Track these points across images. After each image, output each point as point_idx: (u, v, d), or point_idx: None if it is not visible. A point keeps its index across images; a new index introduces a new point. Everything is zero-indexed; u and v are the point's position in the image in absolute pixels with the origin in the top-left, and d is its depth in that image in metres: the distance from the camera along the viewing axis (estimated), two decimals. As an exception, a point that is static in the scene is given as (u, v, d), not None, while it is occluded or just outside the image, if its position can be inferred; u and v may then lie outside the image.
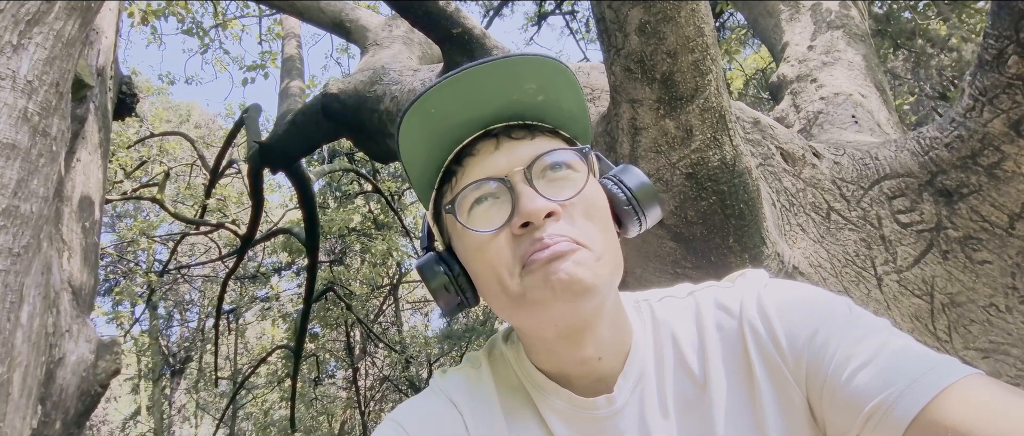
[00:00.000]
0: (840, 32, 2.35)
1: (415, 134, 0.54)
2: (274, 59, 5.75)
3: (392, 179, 9.38)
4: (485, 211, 0.54)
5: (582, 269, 0.50)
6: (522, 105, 0.55)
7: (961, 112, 1.41)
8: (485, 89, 0.53)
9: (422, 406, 0.60)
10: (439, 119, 0.54)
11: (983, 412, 0.41)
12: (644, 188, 0.59)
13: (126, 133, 7.13)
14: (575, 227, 0.52)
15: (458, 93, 0.53)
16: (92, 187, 1.63)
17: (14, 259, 0.91)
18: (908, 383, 0.44)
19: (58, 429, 1.22)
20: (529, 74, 0.54)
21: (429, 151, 0.56)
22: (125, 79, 2.18)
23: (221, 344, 8.45)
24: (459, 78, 0.52)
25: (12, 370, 0.92)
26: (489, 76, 0.53)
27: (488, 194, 0.54)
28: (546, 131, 0.57)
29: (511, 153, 0.54)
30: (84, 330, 1.36)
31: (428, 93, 0.52)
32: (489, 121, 0.56)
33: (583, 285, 0.50)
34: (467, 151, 0.56)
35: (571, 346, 0.55)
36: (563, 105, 0.57)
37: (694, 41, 1.28)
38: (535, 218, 0.50)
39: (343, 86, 2.78)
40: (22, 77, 0.94)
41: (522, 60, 0.53)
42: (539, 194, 0.51)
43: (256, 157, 3.66)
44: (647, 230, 0.61)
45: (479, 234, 0.53)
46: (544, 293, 0.50)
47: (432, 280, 0.58)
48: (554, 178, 0.54)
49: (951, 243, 1.47)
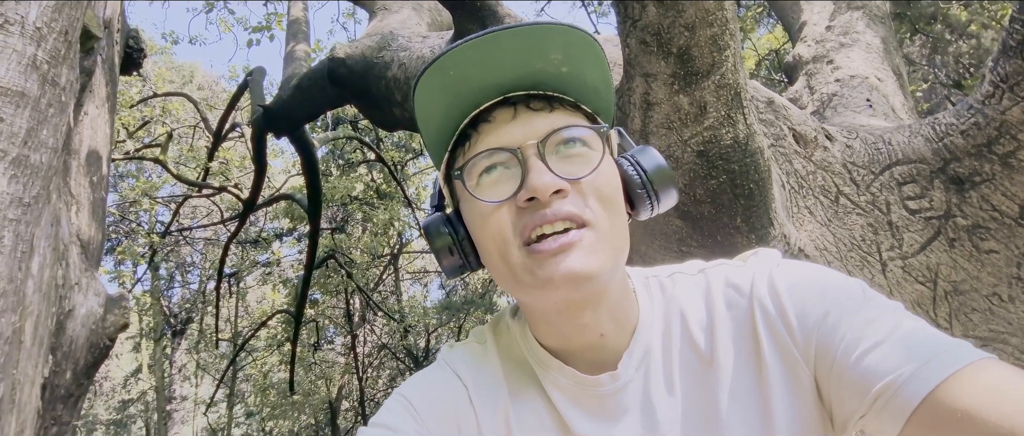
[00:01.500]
0: (860, 13, 2.30)
1: (432, 94, 0.53)
2: (280, 21, 5.65)
3: (396, 149, 9.33)
4: (494, 181, 0.53)
5: (586, 258, 0.50)
6: (545, 75, 0.54)
7: (980, 98, 1.39)
8: (508, 55, 0.52)
9: (428, 381, 0.60)
10: (458, 81, 0.53)
11: (992, 395, 0.40)
12: (660, 171, 0.58)
13: (129, 92, 7.06)
14: (582, 207, 0.51)
15: (480, 56, 0.51)
16: (99, 141, 1.62)
17: (24, 209, 0.91)
18: (918, 365, 0.43)
19: (69, 379, 1.24)
20: (555, 44, 0.52)
21: (446, 112, 0.55)
22: (132, 32, 2.14)
23: (222, 306, 8.54)
24: (482, 41, 0.50)
25: (24, 319, 0.93)
26: (513, 42, 0.51)
27: (499, 163, 0.53)
28: (567, 104, 0.55)
29: (527, 124, 0.53)
30: (93, 284, 1.37)
31: (449, 53, 0.51)
32: (508, 88, 0.54)
33: (586, 275, 0.50)
34: (483, 116, 0.55)
35: (572, 322, 0.55)
36: (587, 78, 0.55)
37: (713, 15, 1.25)
38: (541, 194, 0.50)
39: (350, 51, 2.74)
40: (31, 23, 0.93)
41: (550, 28, 0.51)
42: (549, 169, 0.51)
43: (260, 121, 3.63)
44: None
45: (485, 204, 0.53)
46: (545, 280, 0.50)
47: (436, 240, 0.58)
48: (568, 154, 0.53)
49: (959, 231, 1.46)
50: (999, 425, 0.39)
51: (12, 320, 0.89)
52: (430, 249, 0.59)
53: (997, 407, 0.40)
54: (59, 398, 1.23)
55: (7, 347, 0.88)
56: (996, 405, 0.40)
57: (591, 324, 0.55)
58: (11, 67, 0.90)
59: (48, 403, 1.20)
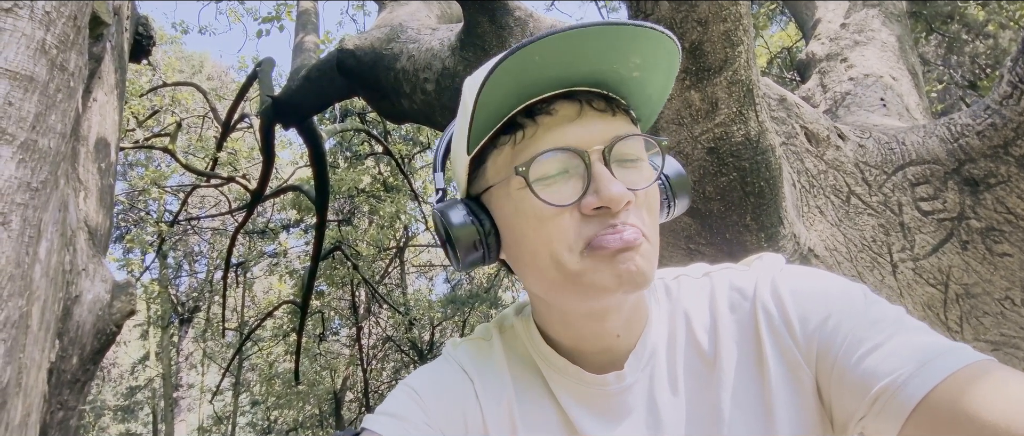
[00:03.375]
0: (876, 10, 2.26)
1: (506, 81, 0.49)
2: (290, 12, 5.65)
3: (403, 142, 9.34)
4: (556, 182, 0.50)
5: (646, 263, 0.50)
6: (616, 76, 0.51)
7: (998, 99, 1.36)
8: (592, 50, 0.49)
9: (435, 373, 0.60)
10: (533, 70, 0.49)
11: (991, 396, 0.40)
12: (681, 179, 0.59)
13: (138, 81, 7.10)
14: (642, 218, 0.51)
15: (571, 48, 0.48)
16: (108, 128, 1.62)
17: (33, 193, 0.92)
18: (917, 366, 0.44)
19: (75, 364, 1.25)
20: (641, 47, 0.49)
21: (505, 98, 0.51)
22: (142, 20, 2.15)
23: (229, 296, 8.61)
24: (581, 33, 0.47)
25: (31, 303, 0.93)
26: (603, 39, 0.48)
27: (564, 166, 0.51)
28: (622, 109, 0.53)
29: (591, 126, 0.51)
30: (100, 270, 1.38)
31: (541, 42, 0.46)
32: (575, 82, 0.51)
33: (645, 279, 0.50)
34: (543, 108, 0.51)
35: (596, 324, 0.55)
36: (648, 87, 0.53)
37: (727, 10, 1.23)
38: (615, 205, 0.48)
39: (359, 42, 2.73)
40: (40, 8, 0.92)
41: (643, 32, 0.48)
42: (616, 179, 0.49)
43: (268, 112, 3.64)
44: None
45: (547, 206, 0.50)
46: (608, 280, 0.49)
47: (460, 230, 0.54)
48: (627, 164, 0.52)
49: (972, 234, 1.44)
50: (997, 425, 0.39)
51: (19, 304, 0.90)
52: (444, 238, 0.56)
53: (995, 408, 0.40)
54: (65, 383, 1.24)
55: (14, 331, 0.89)
56: (994, 406, 0.40)
57: (611, 327, 0.55)
58: (20, 51, 0.90)
59: (54, 388, 1.21)
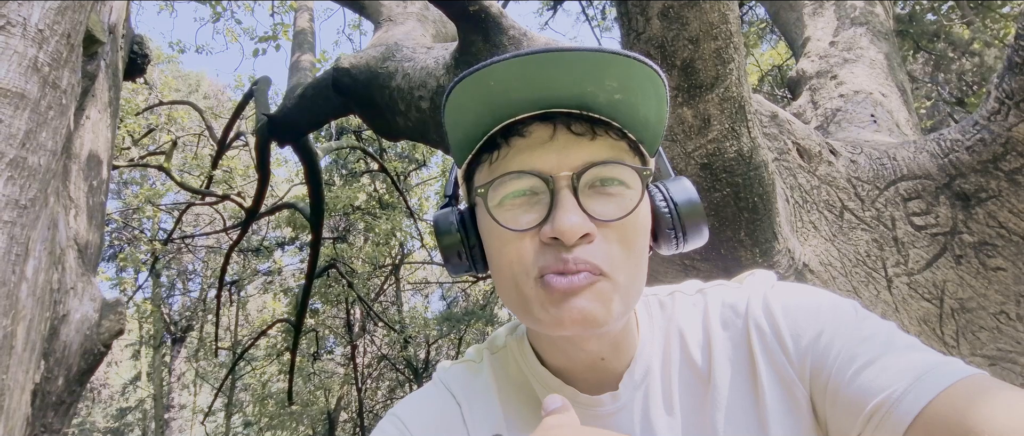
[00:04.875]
0: (864, 29, 2.30)
1: (466, 101, 0.49)
2: (286, 31, 5.70)
3: (398, 159, 9.36)
4: (519, 206, 0.49)
5: (596, 305, 0.47)
6: (594, 98, 0.49)
7: (985, 115, 1.38)
8: (559, 77, 0.47)
9: (422, 400, 0.59)
10: (498, 93, 0.48)
11: (985, 411, 0.40)
12: (693, 208, 0.54)
13: (135, 100, 7.12)
14: (606, 253, 0.48)
15: (526, 74, 0.47)
16: (101, 146, 1.62)
17: (21, 211, 0.91)
18: (911, 382, 0.44)
19: (61, 385, 1.23)
20: (614, 72, 0.47)
21: (478, 118, 0.50)
22: (137, 38, 2.16)
23: (222, 315, 8.51)
24: (530, 60, 0.45)
25: (16, 323, 0.92)
26: (566, 65, 0.46)
27: (527, 188, 0.49)
28: (612, 131, 0.50)
29: (564, 150, 0.48)
30: (89, 288, 1.36)
31: (493, 67, 0.46)
32: (551, 103, 0.49)
33: (593, 321, 0.48)
34: (518, 129, 0.50)
35: (575, 348, 0.54)
36: (640, 110, 0.50)
37: (718, 28, 1.25)
38: (566, 238, 0.46)
39: (355, 61, 2.75)
40: (33, 25, 0.93)
41: (611, 58, 0.46)
42: (580, 207, 0.47)
43: (264, 130, 3.65)
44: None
45: (505, 230, 0.49)
46: (552, 320, 0.48)
47: (445, 238, 0.55)
48: (603, 191, 0.49)
49: (965, 248, 1.45)
50: None
51: (3, 324, 0.88)
52: (437, 245, 0.56)
53: (990, 422, 0.40)
54: (50, 405, 1.21)
55: (-2, 352, 0.87)
56: (989, 420, 0.40)
57: (594, 350, 0.54)
58: (11, 68, 0.90)
59: (38, 410, 1.18)
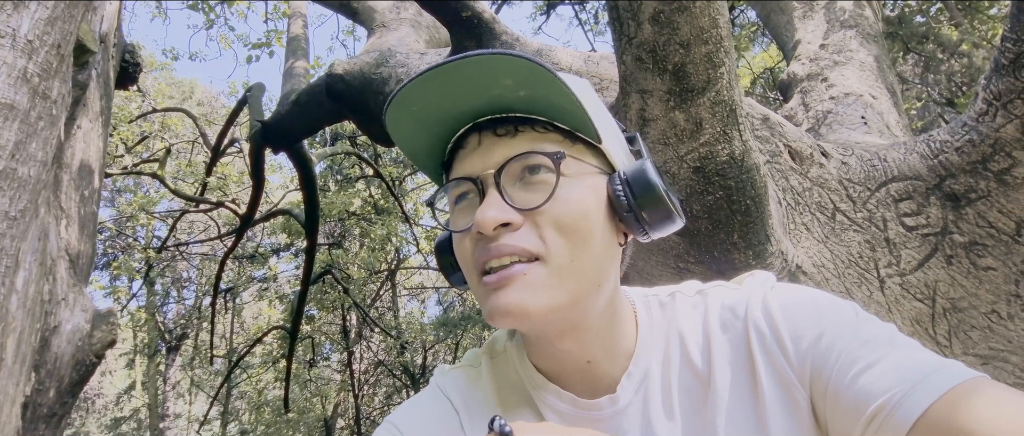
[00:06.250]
0: (853, 31, 2.33)
1: (403, 129, 0.54)
2: (280, 38, 5.70)
3: (393, 164, 9.36)
4: (462, 210, 0.54)
5: (525, 295, 0.48)
6: (505, 100, 0.53)
7: (974, 116, 1.40)
8: (462, 85, 0.51)
9: (421, 408, 0.60)
10: (424, 114, 0.53)
11: (986, 414, 0.40)
12: (646, 187, 0.53)
13: (128, 107, 7.09)
14: (535, 240, 0.50)
15: (432, 89, 0.51)
16: (92, 155, 1.61)
17: (10, 223, 0.90)
18: (912, 385, 0.44)
19: (52, 397, 1.21)
20: (503, 70, 0.50)
21: (428, 141, 0.56)
22: (129, 47, 2.15)
23: (217, 322, 8.47)
24: (431, 75, 0.50)
25: (6, 335, 0.91)
26: (462, 73, 0.50)
27: (467, 192, 0.54)
28: (538, 127, 0.53)
29: (487, 153, 0.53)
30: (80, 299, 1.35)
31: (404, 91, 0.50)
32: (478, 114, 0.54)
33: (524, 312, 0.48)
34: (459, 143, 0.55)
35: (553, 348, 0.54)
36: (552, 100, 0.53)
37: (708, 32, 1.25)
38: (483, 229, 0.49)
39: (348, 67, 2.76)
40: (22, 36, 0.92)
41: (492, 58, 0.49)
42: (502, 199, 0.50)
43: (258, 136, 3.64)
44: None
45: (455, 233, 0.54)
46: (487, 312, 0.51)
47: (441, 259, 0.60)
48: (532, 181, 0.51)
49: (956, 248, 1.46)
50: None
51: (-6, 336, 0.88)
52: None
53: (990, 425, 0.40)
54: (41, 417, 1.20)
55: (-12, 364, 0.86)
56: (989, 423, 0.40)
57: (574, 351, 0.54)
58: (1, 79, 0.89)
59: (29, 423, 1.17)
